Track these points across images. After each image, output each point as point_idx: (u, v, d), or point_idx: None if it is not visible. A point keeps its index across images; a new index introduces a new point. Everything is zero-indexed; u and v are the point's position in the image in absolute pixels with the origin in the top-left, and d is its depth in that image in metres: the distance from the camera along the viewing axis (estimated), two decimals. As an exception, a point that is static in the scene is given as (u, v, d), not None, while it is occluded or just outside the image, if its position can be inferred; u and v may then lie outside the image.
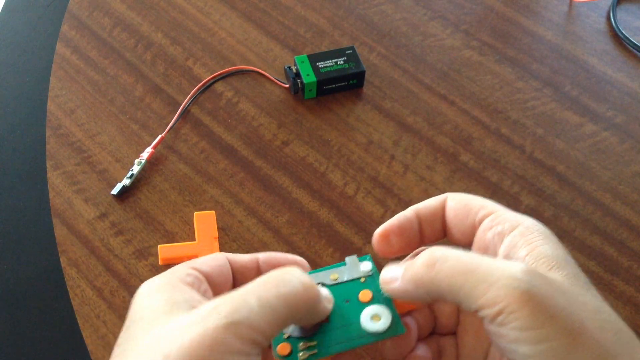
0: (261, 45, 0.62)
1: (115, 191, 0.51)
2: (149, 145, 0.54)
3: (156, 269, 0.48)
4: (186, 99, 0.57)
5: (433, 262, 0.27)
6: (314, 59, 0.58)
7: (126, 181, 0.52)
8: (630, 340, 0.26)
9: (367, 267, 0.33)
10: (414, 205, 0.33)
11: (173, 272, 0.29)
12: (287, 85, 0.58)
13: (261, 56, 0.61)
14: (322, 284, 0.32)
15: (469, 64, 0.61)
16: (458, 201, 0.32)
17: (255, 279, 0.27)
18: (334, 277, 0.32)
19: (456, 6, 0.66)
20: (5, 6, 0.67)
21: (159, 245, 0.47)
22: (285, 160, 0.54)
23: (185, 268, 0.30)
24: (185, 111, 0.57)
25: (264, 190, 0.52)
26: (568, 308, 0.25)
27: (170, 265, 0.33)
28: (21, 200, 0.52)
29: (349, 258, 0.33)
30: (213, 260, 0.31)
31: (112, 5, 0.65)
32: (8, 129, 0.57)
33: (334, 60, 0.58)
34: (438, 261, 0.27)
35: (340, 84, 0.58)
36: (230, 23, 0.64)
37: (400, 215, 0.33)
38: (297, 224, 0.50)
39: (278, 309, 0.26)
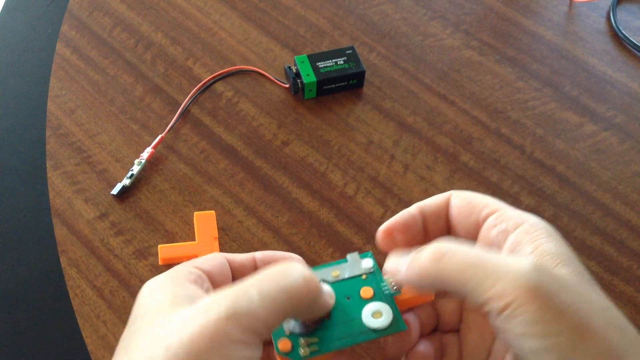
0: (261, 45, 0.62)
1: (115, 191, 0.51)
2: (149, 145, 0.54)
3: (156, 269, 0.48)
4: (186, 99, 0.57)
5: (440, 256, 0.28)
6: (314, 59, 0.58)
7: (126, 181, 0.52)
8: (635, 339, 0.26)
9: (369, 264, 0.33)
10: (418, 203, 0.33)
11: (176, 271, 0.30)
12: (287, 85, 0.58)
13: (261, 56, 0.61)
14: (324, 281, 0.32)
15: (469, 64, 0.61)
16: (462, 199, 0.32)
17: None
18: (335, 274, 0.32)
19: (456, 6, 0.66)
20: (5, 6, 0.67)
21: (159, 245, 0.47)
22: (285, 160, 0.54)
23: (187, 267, 0.30)
24: (185, 111, 0.57)
25: (264, 190, 0.52)
26: (575, 304, 0.25)
27: (170, 265, 0.33)
28: (21, 200, 0.52)
29: (350, 255, 0.33)
30: (213, 259, 0.32)
31: (112, 5, 0.65)
32: (8, 129, 0.56)
33: (334, 60, 0.58)
34: (446, 254, 0.28)
35: (340, 84, 0.58)
36: (230, 23, 0.64)
37: (405, 212, 0.33)
38: (297, 224, 0.50)
39: (279, 300, 0.26)
